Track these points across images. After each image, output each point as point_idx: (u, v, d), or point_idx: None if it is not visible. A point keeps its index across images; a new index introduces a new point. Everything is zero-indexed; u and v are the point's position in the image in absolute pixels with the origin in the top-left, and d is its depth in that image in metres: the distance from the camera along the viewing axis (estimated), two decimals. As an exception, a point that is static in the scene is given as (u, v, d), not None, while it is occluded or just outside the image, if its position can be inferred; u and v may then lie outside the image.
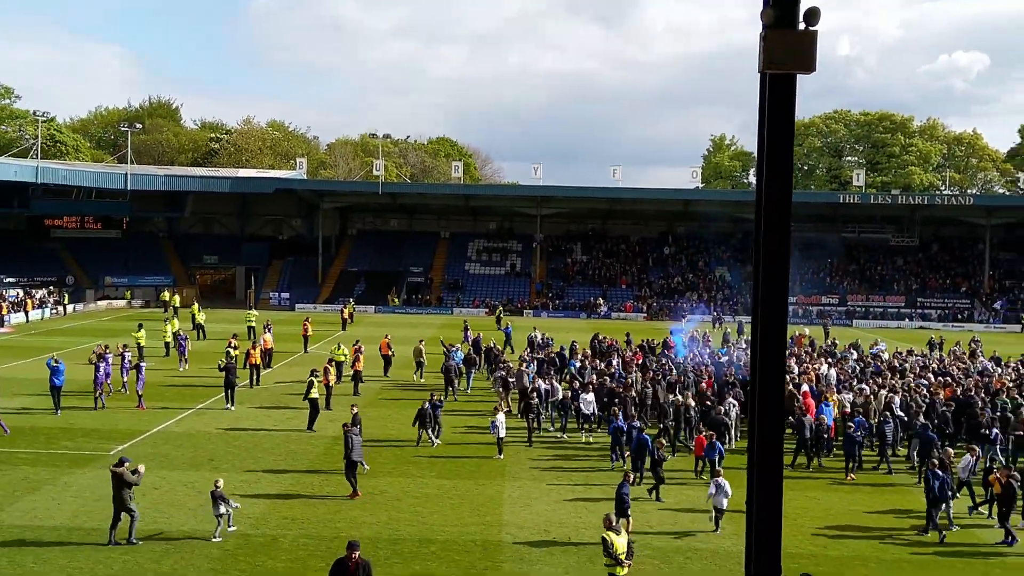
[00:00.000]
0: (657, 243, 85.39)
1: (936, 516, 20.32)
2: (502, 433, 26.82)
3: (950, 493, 20.63)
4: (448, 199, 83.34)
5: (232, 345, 38.64)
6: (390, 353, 40.62)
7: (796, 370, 33.94)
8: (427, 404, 28.09)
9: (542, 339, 44.28)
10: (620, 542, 15.78)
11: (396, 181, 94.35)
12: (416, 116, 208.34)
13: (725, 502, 20.31)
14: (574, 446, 28.35)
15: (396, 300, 75.79)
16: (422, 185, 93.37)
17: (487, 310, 73.28)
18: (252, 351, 37.90)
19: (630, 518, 19.66)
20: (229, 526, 19.64)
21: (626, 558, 15.78)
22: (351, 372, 36.51)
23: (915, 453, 25.80)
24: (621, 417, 26.47)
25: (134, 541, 18.75)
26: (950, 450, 23.43)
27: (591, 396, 29.62)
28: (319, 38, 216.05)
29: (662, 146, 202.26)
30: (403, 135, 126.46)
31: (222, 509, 19.30)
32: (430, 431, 27.98)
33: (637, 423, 26.19)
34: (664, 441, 24.49)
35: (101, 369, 32.58)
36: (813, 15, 3.89)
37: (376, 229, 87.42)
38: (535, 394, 29.48)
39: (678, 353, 41.22)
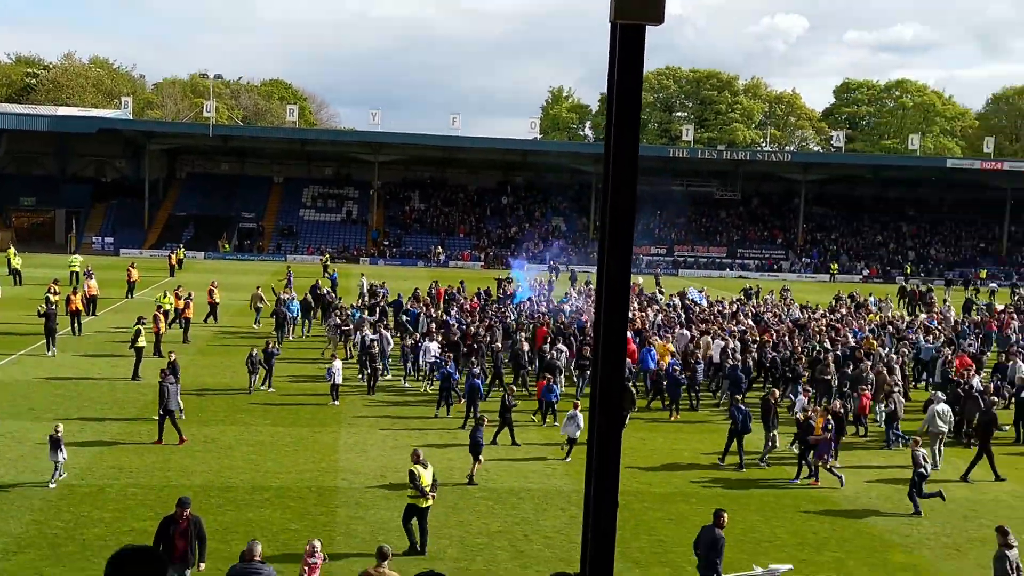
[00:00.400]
0: (495, 193, 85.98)
1: (741, 449, 21.99)
2: (338, 380, 26.72)
3: (751, 427, 22.38)
4: (282, 143, 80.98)
5: (52, 291, 36.65)
6: (216, 301, 39.58)
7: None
8: (255, 350, 27.65)
9: (371, 287, 43.59)
10: (426, 475, 16.41)
11: (228, 124, 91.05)
12: (249, 57, 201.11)
13: (577, 433, 21.40)
14: (412, 394, 28.55)
15: (227, 246, 73.57)
16: (255, 128, 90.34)
17: (322, 257, 72.13)
18: (73, 297, 36.14)
19: (481, 460, 20.10)
20: (61, 474, 18.90)
21: (431, 491, 16.40)
22: (180, 319, 35.41)
23: (725, 393, 27.47)
24: (452, 363, 26.81)
25: None
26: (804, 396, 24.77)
27: (434, 345, 29.73)
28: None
29: (501, 97, 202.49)
30: (235, 76, 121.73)
31: (60, 456, 18.63)
32: (259, 378, 27.63)
33: (477, 370, 26.58)
34: (515, 388, 24.94)
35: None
36: (662, -32, 4.02)
37: (206, 172, 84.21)
38: (375, 343, 29.42)
39: (516, 298, 42.08)
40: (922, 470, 19.07)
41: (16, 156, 79.82)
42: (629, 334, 31.46)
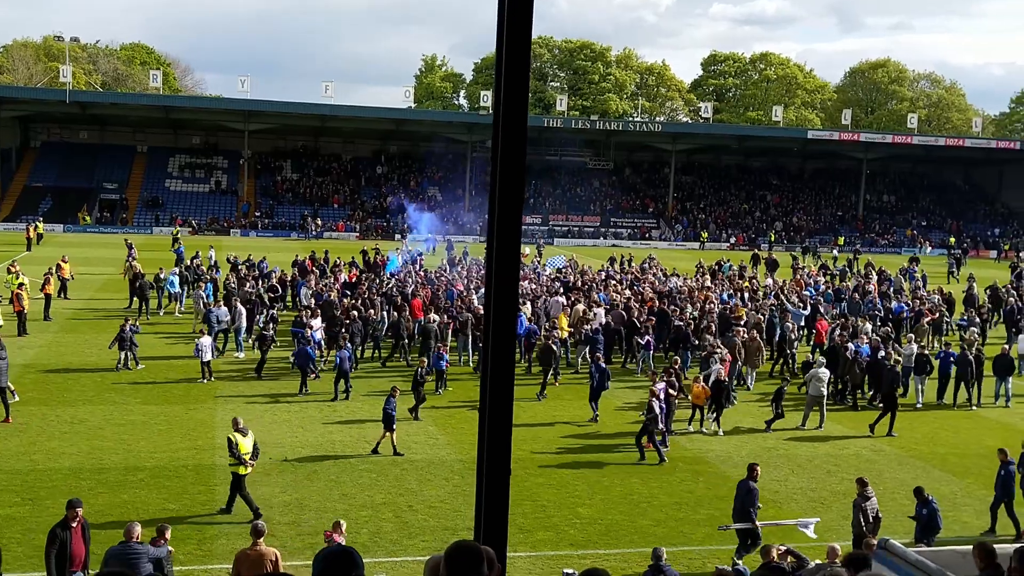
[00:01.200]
0: (370, 162, 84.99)
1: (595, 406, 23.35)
2: (207, 356, 25.97)
3: (608, 384, 23.78)
4: (146, 110, 77.60)
5: None
6: (66, 277, 38.02)
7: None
8: (127, 327, 26.72)
9: (247, 262, 42.19)
10: (245, 443, 16.36)
11: (86, 89, 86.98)
12: (108, 18, 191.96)
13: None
14: (287, 371, 27.95)
15: (87, 218, 70.62)
16: (116, 95, 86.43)
17: (190, 229, 70.04)
18: None
19: (395, 431, 19.96)
20: None
21: (250, 459, 16.40)
22: (40, 296, 33.87)
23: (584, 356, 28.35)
24: (312, 340, 26.61)
25: None
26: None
27: (316, 322, 28.87)
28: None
29: (375, 65, 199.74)
30: (93, 39, 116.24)
31: None
32: (127, 354, 26.68)
33: (348, 345, 26.16)
34: (426, 361, 24.66)
35: None
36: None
37: (64, 141, 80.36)
38: (271, 325, 28.67)
39: (390, 267, 41.84)
40: (653, 415, 20.22)
41: None
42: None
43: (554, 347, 27.04)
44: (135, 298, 35.30)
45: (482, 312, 30.71)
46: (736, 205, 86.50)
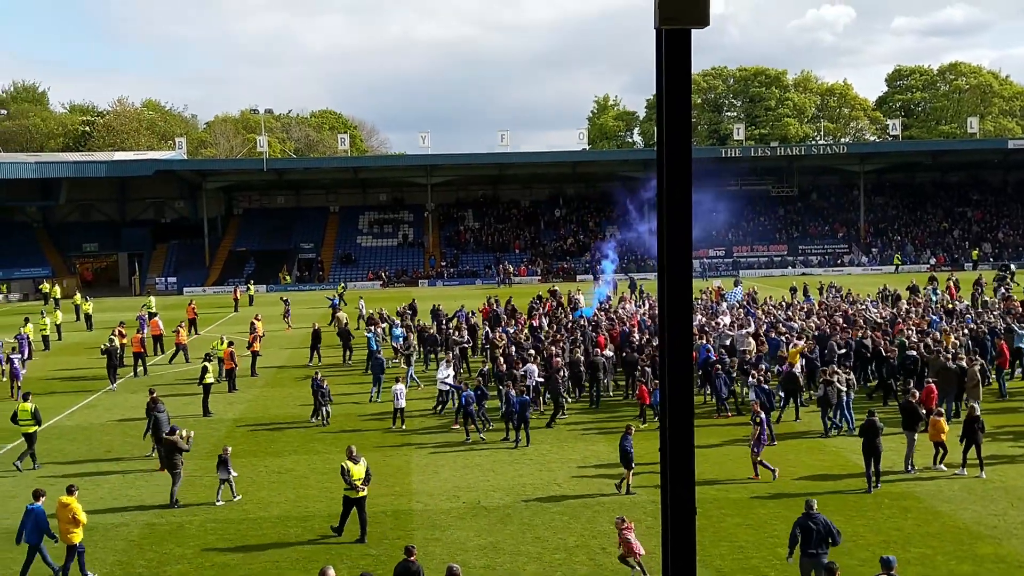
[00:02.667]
0: (548, 206, 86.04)
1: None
2: (400, 403, 26.70)
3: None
4: (336, 172, 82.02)
5: (117, 333, 37.57)
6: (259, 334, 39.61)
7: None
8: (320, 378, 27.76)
9: (434, 309, 43.22)
10: (357, 469, 17.92)
11: (281, 157, 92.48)
12: (297, 89, 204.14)
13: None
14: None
15: (288, 278, 74.61)
16: (308, 160, 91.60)
17: (381, 282, 72.92)
18: (137, 334, 37.14)
19: (632, 468, 19.97)
20: (234, 495, 20.43)
21: (362, 484, 17.83)
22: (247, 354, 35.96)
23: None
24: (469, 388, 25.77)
25: (175, 502, 20.10)
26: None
27: (534, 367, 28.26)
28: (186, 13, 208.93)
29: (547, 109, 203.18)
30: (285, 109, 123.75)
31: (225, 474, 20.29)
32: (324, 409, 27.53)
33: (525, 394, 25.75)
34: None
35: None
36: (705, -30, 3.99)
37: (263, 207, 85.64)
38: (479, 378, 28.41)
39: (586, 312, 41.94)
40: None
41: (77, 204, 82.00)
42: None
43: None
44: (314, 351, 37.30)
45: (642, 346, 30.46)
46: (934, 224, 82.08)
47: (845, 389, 24.70)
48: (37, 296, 67.35)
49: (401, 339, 35.32)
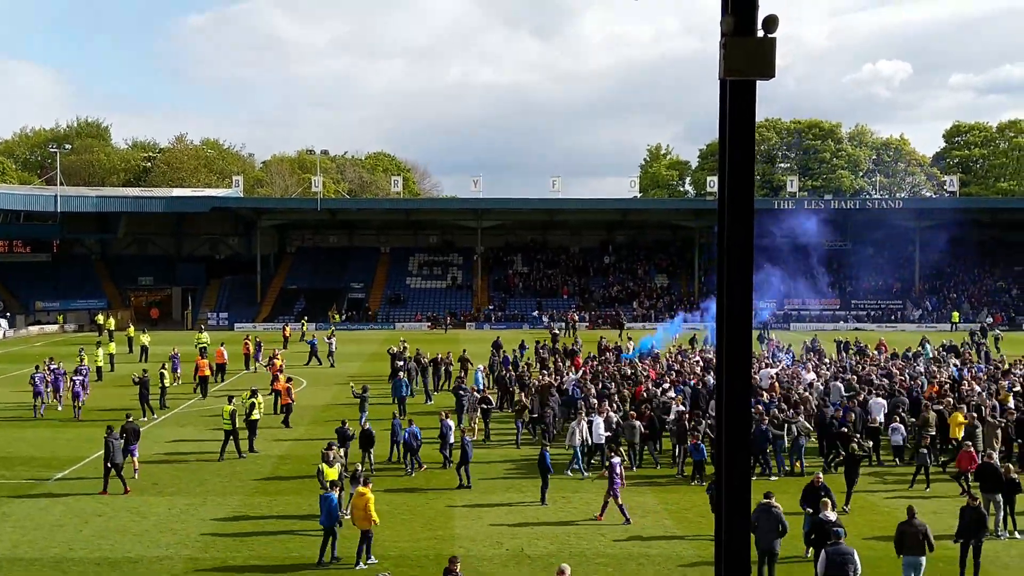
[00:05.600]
0: (597, 253, 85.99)
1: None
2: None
3: None
4: (388, 214, 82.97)
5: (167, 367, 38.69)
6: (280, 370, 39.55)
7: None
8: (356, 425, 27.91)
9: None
10: (331, 472, 20.70)
11: (335, 197, 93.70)
12: (353, 131, 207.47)
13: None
14: (516, 459, 28.20)
15: (337, 317, 75.14)
16: (361, 200, 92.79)
17: (429, 324, 73.17)
18: (200, 362, 38.30)
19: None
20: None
21: (333, 487, 19.56)
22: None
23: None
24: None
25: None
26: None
27: (600, 419, 27.04)
28: (252, 55, 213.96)
29: (599, 156, 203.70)
30: (340, 151, 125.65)
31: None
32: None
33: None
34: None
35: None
36: (771, 22, 3.97)
37: (315, 246, 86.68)
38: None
39: (636, 352, 42.33)
40: None
41: (135, 237, 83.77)
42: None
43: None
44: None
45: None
46: (991, 283, 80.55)
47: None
48: (91, 327, 68.53)
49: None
